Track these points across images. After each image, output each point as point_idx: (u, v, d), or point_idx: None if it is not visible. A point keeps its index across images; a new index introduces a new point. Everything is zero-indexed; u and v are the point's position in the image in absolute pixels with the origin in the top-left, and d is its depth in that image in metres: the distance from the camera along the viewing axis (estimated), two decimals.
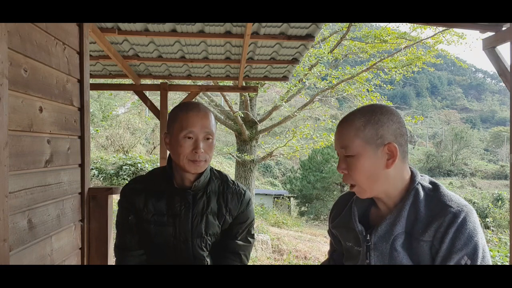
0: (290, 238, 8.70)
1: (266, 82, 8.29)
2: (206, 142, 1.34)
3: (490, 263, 0.98)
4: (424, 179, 1.10)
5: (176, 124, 1.33)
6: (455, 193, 1.07)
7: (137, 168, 11.43)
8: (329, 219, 1.31)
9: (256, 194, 13.77)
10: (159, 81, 4.77)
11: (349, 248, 1.17)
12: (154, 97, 8.95)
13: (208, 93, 9.99)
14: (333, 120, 11.36)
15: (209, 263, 1.43)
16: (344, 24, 9.46)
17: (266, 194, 19.64)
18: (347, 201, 1.22)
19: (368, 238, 1.08)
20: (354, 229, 1.13)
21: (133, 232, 1.43)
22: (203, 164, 1.35)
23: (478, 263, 0.96)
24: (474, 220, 0.99)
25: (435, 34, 9.94)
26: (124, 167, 11.45)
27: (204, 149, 1.33)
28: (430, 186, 1.07)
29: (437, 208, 1.01)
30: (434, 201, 1.03)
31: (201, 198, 1.40)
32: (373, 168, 1.04)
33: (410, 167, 1.11)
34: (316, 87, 10.14)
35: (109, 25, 2.81)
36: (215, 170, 1.49)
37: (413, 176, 1.09)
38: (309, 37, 3.03)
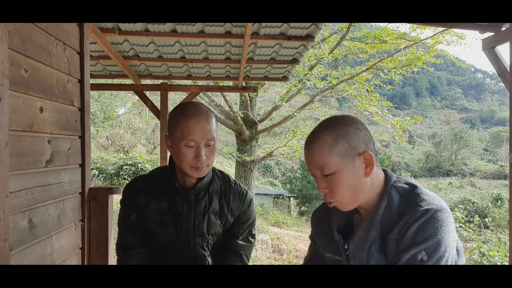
0: (290, 238, 8.71)
1: (266, 82, 8.29)
2: (208, 148, 1.33)
3: (451, 264, 0.95)
4: (399, 181, 1.08)
5: (177, 131, 1.31)
6: (454, 193, 1.07)
7: (138, 168, 11.43)
8: (311, 225, 1.29)
9: (256, 194, 13.77)
10: (159, 81, 4.77)
11: (327, 258, 1.15)
12: (155, 97, 8.94)
13: (208, 93, 9.98)
14: None
15: (210, 263, 1.43)
16: (344, 24, 9.45)
17: (266, 194, 19.63)
18: (328, 209, 1.19)
19: (346, 247, 1.07)
20: (334, 238, 1.11)
21: (135, 231, 1.43)
22: (205, 169, 1.35)
23: (441, 262, 0.93)
24: (444, 219, 0.96)
25: (434, 35, 9.93)
26: (124, 167, 11.44)
27: (206, 155, 1.32)
28: (406, 187, 1.06)
29: (408, 209, 0.99)
30: (407, 202, 1.01)
31: (203, 197, 1.40)
32: (354, 180, 1.02)
33: (384, 169, 1.10)
34: (316, 87, 10.12)
35: (109, 25, 2.81)
36: (217, 170, 1.49)
37: (387, 179, 1.07)
38: (309, 37, 3.03)
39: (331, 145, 1.01)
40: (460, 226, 10.90)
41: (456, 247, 1.01)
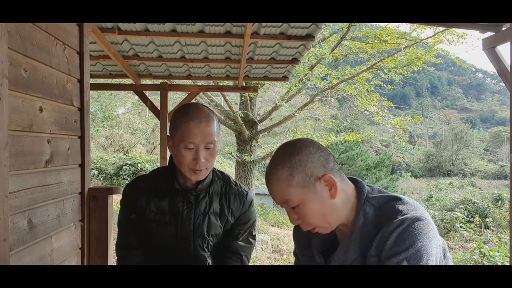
0: (290, 238, 8.70)
1: (266, 82, 8.28)
2: (207, 151, 1.32)
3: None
4: (372, 192, 1.05)
5: (177, 133, 1.31)
6: (455, 193, 1.05)
7: (137, 168, 11.43)
8: (294, 242, 1.26)
9: (256, 194, 13.75)
10: (159, 81, 4.77)
11: None
12: (154, 97, 8.94)
13: (208, 93, 9.98)
14: (333, 120, 11.33)
15: (210, 264, 1.43)
16: (344, 24, 9.44)
17: (266, 194, 19.59)
18: None
19: None
20: (316, 260, 1.10)
21: (134, 231, 1.43)
22: (204, 173, 1.35)
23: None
24: (421, 227, 0.92)
25: (435, 34, 9.92)
26: (124, 167, 11.44)
27: (205, 158, 1.32)
28: (381, 199, 1.03)
29: (384, 222, 0.97)
30: (383, 216, 0.99)
31: (203, 198, 1.40)
32: (321, 205, 1.00)
33: (353, 179, 1.08)
34: (316, 87, 10.11)
35: (109, 25, 2.81)
36: (218, 171, 1.49)
37: (358, 192, 1.04)
38: (309, 37, 3.03)
39: (287, 179, 0.99)
40: (460, 226, 10.90)
41: (440, 252, 0.98)
